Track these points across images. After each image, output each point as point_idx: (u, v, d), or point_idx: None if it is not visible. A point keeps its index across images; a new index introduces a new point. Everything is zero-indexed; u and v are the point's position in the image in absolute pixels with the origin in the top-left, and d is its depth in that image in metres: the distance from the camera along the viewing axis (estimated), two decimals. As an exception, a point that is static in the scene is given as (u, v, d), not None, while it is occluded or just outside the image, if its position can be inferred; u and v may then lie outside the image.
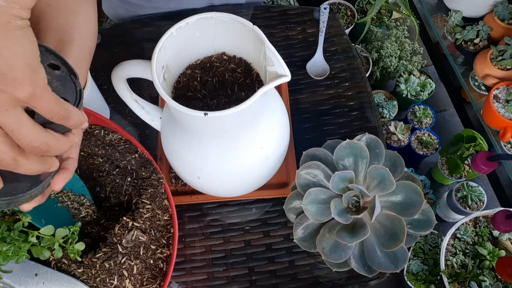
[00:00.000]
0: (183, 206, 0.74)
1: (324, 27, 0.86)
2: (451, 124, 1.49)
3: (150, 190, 0.59)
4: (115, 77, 0.56)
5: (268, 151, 0.59)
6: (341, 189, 0.58)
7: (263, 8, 0.92)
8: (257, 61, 0.57)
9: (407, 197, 0.57)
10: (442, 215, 1.31)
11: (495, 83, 1.04)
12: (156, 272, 0.57)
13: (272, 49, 0.49)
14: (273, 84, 0.47)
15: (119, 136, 0.63)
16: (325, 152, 0.61)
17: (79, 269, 0.51)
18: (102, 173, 0.63)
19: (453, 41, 1.20)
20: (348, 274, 0.69)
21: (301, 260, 0.71)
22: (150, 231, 0.57)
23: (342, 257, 0.56)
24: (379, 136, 0.63)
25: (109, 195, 0.62)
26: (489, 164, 0.82)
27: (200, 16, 0.53)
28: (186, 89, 0.59)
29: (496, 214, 0.76)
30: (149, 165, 0.61)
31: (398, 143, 1.34)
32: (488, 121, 1.05)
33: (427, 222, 0.58)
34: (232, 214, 0.74)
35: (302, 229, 0.59)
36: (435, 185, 1.37)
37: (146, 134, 0.79)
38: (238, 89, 0.58)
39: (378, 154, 0.60)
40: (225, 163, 0.57)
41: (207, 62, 0.60)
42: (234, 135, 0.55)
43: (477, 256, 0.90)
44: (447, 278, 0.86)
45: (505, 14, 1.08)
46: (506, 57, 1.02)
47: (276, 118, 0.60)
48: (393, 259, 0.56)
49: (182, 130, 0.57)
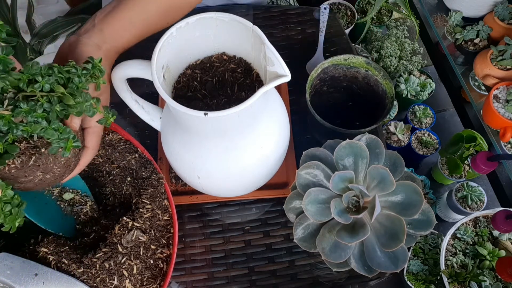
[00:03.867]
0: (183, 206, 0.74)
1: (324, 27, 0.86)
2: (451, 124, 1.49)
3: (150, 190, 0.59)
4: (115, 77, 0.56)
5: (268, 151, 0.59)
6: (341, 189, 0.58)
7: (263, 8, 0.92)
8: (257, 61, 0.57)
9: (407, 197, 0.57)
10: (442, 215, 1.31)
11: (495, 83, 1.03)
12: (156, 272, 0.57)
13: (272, 49, 0.49)
14: (273, 84, 0.47)
15: (119, 136, 0.63)
16: (325, 152, 0.61)
17: (79, 269, 0.51)
18: (102, 173, 0.63)
19: (453, 41, 1.20)
20: (348, 274, 0.69)
21: (301, 260, 0.71)
22: (150, 231, 0.57)
23: (342, 257, 0.56)
24: (379, 136, 0.63)
25: (109, 195, 0.62)
26: (489, 164, 0.82)
27: (200, 16, 0.53)
28: (186, 89, 0.59)
29: (496, 214, 0.75)
30: (149, 165, 0.61)
31: (398, 143, 1.34)
32: (488, 121, 1.05)
33: (427, 222, 0.57)
34: (232, 214, 0.74)
35: (302, 229, 0.59)
36: (435, 185, 1.37)
37: (146, 134, 0.79)
38: (238, 89, 0.58)
39: (378, 154, 0.60)
40: (225, 163, 0.57)
41: (207, 62, 0.60)
42: (234, 135, 0.55)
43: (477, 256, 0.90)
44: (447, 278, 0.86)
45: (505, 14, 1.08)
46: (506, 57, 1.02)
47: (276, 118, 0.60)
48: (393, 259, 0.56)
49: (182, 130, 0.57)
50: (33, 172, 0.44)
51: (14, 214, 0.43)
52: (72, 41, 0.54)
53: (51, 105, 0.41)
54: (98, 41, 0.54)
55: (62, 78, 0.43)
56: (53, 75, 0.42)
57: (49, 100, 0.42)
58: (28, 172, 0.43)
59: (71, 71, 0.44)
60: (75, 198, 0.60)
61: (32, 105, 0.40)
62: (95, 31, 0.54)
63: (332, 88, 0.77)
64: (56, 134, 0.42)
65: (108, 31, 0.55)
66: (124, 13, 0.56)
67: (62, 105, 0.42)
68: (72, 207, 0.59)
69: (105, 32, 0.55)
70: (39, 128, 0.41)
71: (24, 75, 0.41)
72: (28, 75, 0.41)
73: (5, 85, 0.40)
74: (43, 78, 0.41)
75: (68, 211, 0.59)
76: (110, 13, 0.56)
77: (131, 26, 0.57)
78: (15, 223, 0.43)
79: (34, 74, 0.41)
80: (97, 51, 0.53)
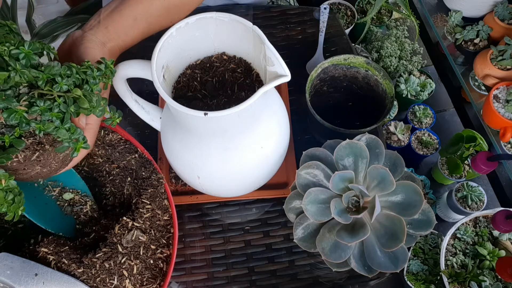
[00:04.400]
0: (183, 206, 0.74)
1: (324, 27, 0.86)
2: (451, 124, 1.48)
3: (150, 190, 0.59)
4: (115, 77, 0.56)
5: (268, 151, 0.59)
6: (341, 189, 0.58)
7: (263, 8, 0.92)
8: (257, 61, 0.57)
9: (407, 197, 0.57)
10: (442, 215, 1.31)
11: (495, 83, 1.03)
12: (156, 272, 0.57)
13: (272, 49, 0.49)
14: (273, 84, 0.47)
15: (119, 136, 0.63)
16: (325, 152, 0.61)
17: (79, 269, 0.51)
18: (102, 173, 0.63)
19: (453, 41, 1.20)
20: (348, 274, 0.69)
21: (301, 260, 0.71)
22: (150, 231, 0.57)
23: (342, 257, 0.56)
24: (379, 136, 0.63)
25: (109, 195, 0.62)
26: (489, 164, 0.82)
27: (200, 16, 0.53)
28: (186, 89, 0.59)
29: (496, 214, 0.75)
30: (149, 165, 0.61)
31: (398, 143, 1.34)
32: (488, 121, 1.04)
33: (427, 222, 0.57)
34: (232, 214, 0.74)
35: (302, 229, 0.59)
36: (435, 185, 1.37)
37: (146, 134, 0.78)
38: (238, 89, 0.58)
39: (378, 154, 0.60)
40: (225, 163, 0.57)
41: (207, 62, 0.60)
42: (234, 135, 0.55)
43: (477, 256, 0.89)
44: (447, 278, 0.86)
45: (505, 14, 1.07)
46: (506, 57, 1.02)
47: (276, 118, 0.60)
48: (393, 259, 0.56)
49: (182, 130, 0.57)
50: (32, 166, 0.44)
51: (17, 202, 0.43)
52: (77, 36, 0.54)
53: (66, 106, 0.42)
54: (103, 38, 0.54)
55: (79, 79, 0.44)
56: (71, 76, 0.43)
57: (65, 100, 0.42)
58: (28, 166, 0.44)
59: (88, 73, 0.45)
60: (75, 198, 0.60)
61: (49, 104, 0.41)
62: (100, 28, 0.55)
63: (332, 88, 0.77)
64: (67, 134, 0.43)
65: (113, 29, 0.55)
66: (129, 11, 0.57)
67: (76, 106, 0.43)
68: (72, 207, 0.59)
69: (110, 29, 0.55)
70: (52, 126, 0.42)
71: (44, 74, 0.41)
72: (49, 75, 0.42)
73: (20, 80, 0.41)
74: (62, 79, 0.42)
75: (68, 211, 0.59)
76: (115, 10, 0.56)
77: (136, 24, 0.57)
78: (18, 211, 0.43)
79: (54, 75, 0.42)
80: (102, 49, 0.53)
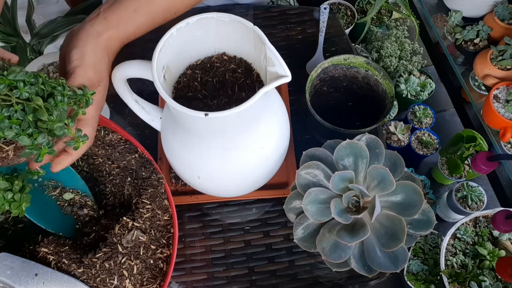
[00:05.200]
0: (183, 206, 0.74)
1: (324, 27, 0.86)
2: (451, 124, 1.48)
3: (150, 190, 0.59)
4: (115, 77, 0.56)
5: (268, 151, 0.59)
6: (341, 189, 0.58)
7: (263, 8, 0.92)
8: (257, 61, 0.57)
9: (407, 197, 0.57)
10: (442, 215, 1.31)
11: (495, 83, 1.03)
12: (156, 272, 0.57)
13: (272, 49, 0.49)
14: (273, 84, 0.47)
15: (119, 136, 0.63)
16: (325, 152, 0.61)
17: (79, 269, 0.51)
18: (102, 173, 0.63)
19: (453, 41, 1.20)
20: (348, 274, 0.69)
21: (301, 260, 0.71)
22: (150, 231, 0.57)
23: (342, 257, 0.56)
24: (379, 136, 0.63)
25: (109, 195, 0.62)
26: (489, 164, 0.82)
27: (201, 17, 0.53)
28: (187, 89, 0.59)
29: (496, 214, 0.75)
30: (149, 165, 0.61)
31: (398, 143, 1.34)
32: (488, 121, 1.04)
33: (427, 222, 0.58)
34: (232, 214, 0.74)
35: (302, 229, 0.59)
36: (435, 185, 1.37)
37: (146, 134, 0.79)
38: (238, 90, 0.58)
39: (378, 154, 0.60)
40: (225, 163, 0.57)
41: (208, 62, 0.60)
42: (234, 135, 0.55)
43: (477, 256, 0.90)
44: (447, 278, 0.86)
45: (505, 14, 1.07)
46: (506, 57, 1.02)
47: (276, 118, 0.60)
48: (393, 259, 0.56)
49: (182, 130, 0.57)
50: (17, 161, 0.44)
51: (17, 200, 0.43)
52: (75, 29, 0.54)
53: (24, 114, 0.40)
54: (100, 28, 0.54)
55: (43, 91, 0.42)
56: (36, 85, 0.41)
57: (23, 108, 0.40)
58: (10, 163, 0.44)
59: (57, 88, 0.43)
60: (75, 198, 0.60)
61: (6, 111, 0.39)
62: (99, 19, 0.55)
63: (332, 88, 0.77)
64: (29, 141, 0.41)
65: (112, 19, 0.55)
66: (129, 2, 0.56)
67: (35, 116, 0.41)
68: (72, 207, 0.59)
69: (109, 19, 0.55)
70: (12, 133, 0.40)
71: (6, 79, 0.39)
72: (12, 81, 0.40)
73: None
74: (24, 86, 0.40)
75: (68, 211, 0.59)
76: (115, 3, 0.56)
77: (136, 15, 0.57)
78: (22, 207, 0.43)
79: (17, 80, 0.40)
80: (95, 39, 0.53)
